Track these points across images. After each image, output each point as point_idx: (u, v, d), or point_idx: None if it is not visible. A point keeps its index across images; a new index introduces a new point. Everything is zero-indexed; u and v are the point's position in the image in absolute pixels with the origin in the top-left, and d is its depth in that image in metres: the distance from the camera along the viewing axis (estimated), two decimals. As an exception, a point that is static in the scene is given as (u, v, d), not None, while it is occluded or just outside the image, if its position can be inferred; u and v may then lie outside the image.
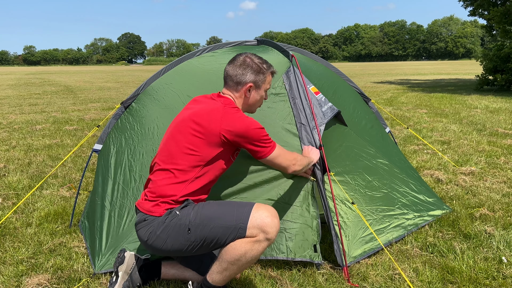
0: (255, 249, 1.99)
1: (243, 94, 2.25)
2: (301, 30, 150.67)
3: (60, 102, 12.98)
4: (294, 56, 2.97)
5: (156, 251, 2.08)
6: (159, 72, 3.32)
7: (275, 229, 2.00)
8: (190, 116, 2.12)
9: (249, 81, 2.23)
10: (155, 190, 2.08)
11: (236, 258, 1.99)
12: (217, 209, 2.05)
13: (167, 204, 2.04)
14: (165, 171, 2.08)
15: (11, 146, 6.34)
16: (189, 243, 2.01)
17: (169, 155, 2.10)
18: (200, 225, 2.00)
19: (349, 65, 70.43)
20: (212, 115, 2.08)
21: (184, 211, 2.03)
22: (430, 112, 9.59)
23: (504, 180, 4.34)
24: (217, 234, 1.99)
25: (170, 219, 2.02)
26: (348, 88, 3.67)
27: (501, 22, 14.69)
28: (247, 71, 2.23)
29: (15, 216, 3.51)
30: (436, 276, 2.50)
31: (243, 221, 1.99)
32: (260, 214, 2.00)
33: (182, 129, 2.11)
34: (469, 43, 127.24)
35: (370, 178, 2.94)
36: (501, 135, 6.73)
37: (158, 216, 2.03)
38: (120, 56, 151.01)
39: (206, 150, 2.07)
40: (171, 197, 2.04)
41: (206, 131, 2.06)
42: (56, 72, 45.89)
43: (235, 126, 2.06)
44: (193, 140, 2.07)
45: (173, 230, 2.00)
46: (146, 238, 2.04)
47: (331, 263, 2.64)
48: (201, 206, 2.07)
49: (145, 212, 2.06)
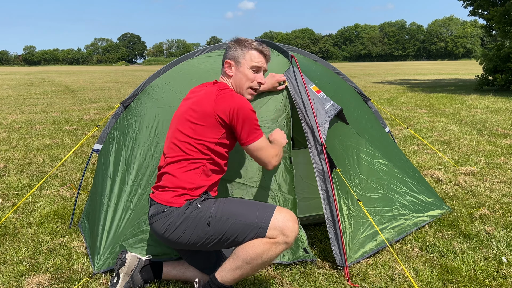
0: (273, 251, 1.97)
1: (226, 74, 2.26)
2: (301, 30, 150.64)
3: (60, 102, 12.98)
4: (293, 57, 2.98)
5: (171, 243, 2.06)
6: (159, 72, 3.32)
7: (294, 233, 1.99)
8: (190, 106, 2.13)
9: (227, 58, 2.24)
10: (172, 180, 2.05)
11: (252, 257, 1.96)
12: (240, 206, 2.04)
13: (186, 195, 2.02)
14: (177, 162, 2.07)
15: (11, 146, 6.34)
16: (207, 237, 1.99)
17: (177, 147, 2.08)
18: (221, 220, 1.98)
19: (349, 65, 70.43)
20: (206, 98, 2.09)
21: (205, 204, 2.02)
22: (430, 112, 9.59)
23: (504, 180, 4.34)
24: (237, 231, 1.97)
25: (190, 210, 1.99)
26: (347, 88, 3.67)
27: (500, 22, 14.69)
28: (229, 49, 2.24)
29: (15, 216, 3.52)
30: (436, 276, 2.50)
31: (265, 221, 1.97)
32: (283, 217, 1.99)
33: (183, 120, 2.11)
34: (469, 43, 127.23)
35: (368, 179, 2.94)
36: (501, 135, 6.73)
37: (178, 207, 2.00)
38: (120, 56, 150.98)
39: (208, 135, 2.05)
40: (189, 185, 2.02)
41: (203, 115, 2.05)
42: (56, 72, 45.89)
43: (228, 103, 2.04)
44: (193, 128, 2.06)
45: (193, 222, 1.98)
46: (164, 230, 2.01)
47: (331, 263, 2.64)
48: (222, 201, 2.06)
49: (164, 203, 2.02)
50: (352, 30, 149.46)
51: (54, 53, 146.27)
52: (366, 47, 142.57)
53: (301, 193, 3.14)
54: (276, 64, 3.07)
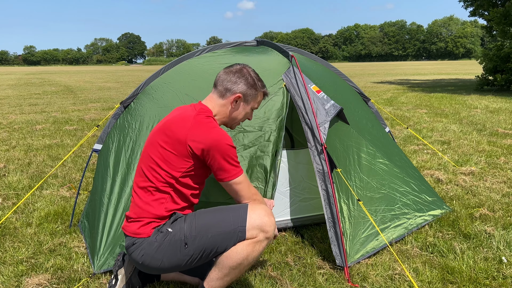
0: (256, 250, 1.95)
1: (229, 104, 2.07)
2: (301, 30, 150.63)
3: (60, 102, 12.98)
4: (293, 57, 2.98)
5: (154, 270, 1.99)
6: (158, 72, 3.32)
7: (273, 227, 1.97)
8: (161, 128, 1.99)
9: (238, 91, 2.06)
10: (136, 211, 1.97)
11: (238, 263, 1.94)
12: (212, 217, 1.97)
13: (153, 223, 1.94)
14: (142, 189, 1.97)
15: (11, 146, 6.34)
16: (188, 257, 1.93)
17: (143, 172, 1.98)
18: (198, 237, 1.92)
19: (349, 65, 70.43)
20: (181, 124, 1.94)
21: (176, 226, 1.93)
22: (430, 112, 9.59)
23: (504, 180, 4.34)
24: (217, 242, 1.92)
25: (162, 238, 1.91)
26: (347, 88, 3.67)
27: (500, 23, 14.69)
28: (241, 81, 2.06)
29: (15, 216, 3.51)
30: (436, 276, 2.50)
31: (242, 224, 1.93)
32: (258, 214, 1.95)
33: (153, 142, 1.99)
34: (469, 43, 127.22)
35: (369, 179, 2.94)
36: (501, 135, 6.73)
37: (146, 237, 1.93)
38: (120, 56, 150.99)
39: (176, 163, 1.92)
40: (154, 215, 1.94)
41: (173, 141, 1.91)
42: (56, 72, 45.89)
43: (203, 136, 1.89)
44: (162, 153, 1.93)
45: (168, 247, 1.91)
46: (141, 261, 1.94)
47: (331, 263, 2.64)
48: (192, 216, 1.98)
49: (132, 235, 1.95)
50: (352, 30, 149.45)
51: (54, 53, 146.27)
52: (366, 47, 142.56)
53: (301, 193, 3.14)
54: (276, 64, 3.07)
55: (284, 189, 3.08)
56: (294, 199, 3.12)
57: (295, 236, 3.06)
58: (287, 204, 3.10)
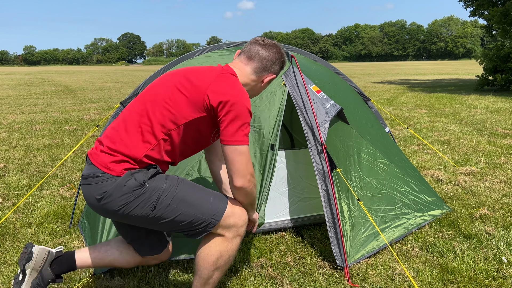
0: (230, 247, 1.90)
1: (261, 81, 1.99)
2: (301, 30, 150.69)
3: (60, 102, 12.98)
4: (293, 57, 2.98)
5: (106, 213, 1.80)
6: (158, 72, 3.32)
7: (245, 226, 1.93)
8: (183, 71, 1.88)
9: (274, 72, 2.00)
10: (115, 142, 1.77)
11: (213, 263, 1.89)
12: (193, 195, 1.85)
13: (127, 163, 1.75)
14: (132, 122, 1.79)
15: (11, 146, 6.34)
16: (147, 219, 1.79)
17: (141, 106, 1.82)
18: (169, 207, 1.78)
19: (349, 65, 70.44)
20: (205, 74, 1.83)
21: (153, 183, 1.77)
22: (430, 112, 9.59)
23: (504, 180, 4.34)
24: (185, 220, 1.82)
25: (133, 186, 1.73)
26: (347, 88, 3.67)
27: (500, 22, 14.69)
28: (279, 62, 2.00)
29: (15, 216, 3.51)
30: (436, 276, 2.50)
31: (217, 217, 1.85)
32: (234, 212, 1.90)
33: (167, 81, 1.85)
34: (469, 43, 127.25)
35: (369, 178, 2.94)
36: (501, 135, 6.73)
37: (116, 175, 1.73)
38: (120, 56, 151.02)
39: (183, 109, 1.77)
40: (132, 156, 1.75)
41: (192, 86, 1.78)
42: (56, 72, 45.89)
43: (226, 89, 1.76)
44: (173, 94, 1.79)
45: (135, 200, 1.74)
46: (99, 197, 1.74)
47: (331, 263, 2.64)
48: (175, 183, 1.83)
49: (101, 167, 1.74)
50: (352, 30, 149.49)
51: (54, 53, 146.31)
52: (366, 47, 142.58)
53: (301, 193, 3.14)
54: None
55: (284, 189, 3.08)
56: (293, 199, 3.12)
57: (295, 236, 3.06)
58: (287, 204, 3.10)
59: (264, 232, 3.09)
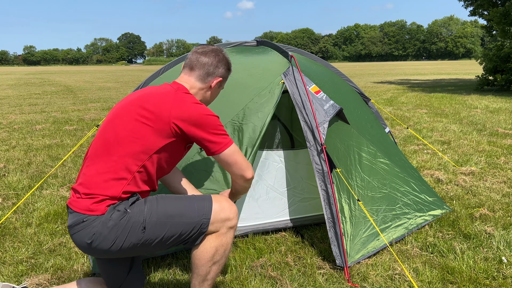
0: (224, 241, 1.91)
1: (209, 87, 2.02)
2: (301, 30, 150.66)
3: (60, 102, 12.98)
4: (293, 57, 2.98)
5: (101, 253, 1.80)
6: (158, 72, 3.32)
7: (236, 218, 1.94)
8: (136, 100, 1.86)
9: (220, 74, 2.04)
10: (90, 187, 1.76)
11: (209, 259, 1.90)
12: (175, 204, 1.86)
13: (108, 201, 1.76)
14: (101, 163, 1.79)
15: (11, 146, 6.34)
16: (143, 242, 1.78)
17: (106, 144, 1.80)
18: (158, 223, 1.79)
19: (349, 65, 70.44)
20: (162, 100, 1.83)
21: (135, 208, 1.78)
22: (430, 112, 9.59)
23: (504, 180, 4.34)
24: (178, 231, 1.83)
25: (118, 217, 1.73)
26: (347, 88, 3.67)
27: (500, 23, 14.69)
28: (221, 65, 2.04)
29: (15, 216, 3.51)
30: (436, 276, 2.50)
31: (206, 216, 1.86)
32: (222, 206, 1.90)
33: (124, 114, 1.84)
34: (469, 43, 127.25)
35: (370, 178, 2.94)
36: (501, 135, 6.73)
37: (100, 214, 1.73)
38: (120, 56, 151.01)
39: (152, 139, 1.79)
40: (111, 195, 1.76)
41: (155, 117, 1.79)
42: (56, 72, 45.89)
43: (188, 111, 1.80)
44: (136, 127, 1.79)
45: (124, 229, 1.74)
46: (90, 240, 1.74)
47: (331, 263, 2.64)
48: (154, 200, 1.84)
49: (84, 212, 1.74)
50: (352, 30, 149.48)
51: (54, 53, 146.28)
52: (366, 47, 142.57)
53: (301, 193, 3.14)
54: (275, 64, 3.07)
55: (284, 189, 3.08)
56: (293, 199, 3.12)
57: (295, 236, 3.06)
58: (287, 204, 3.10)
59: (264, 232, 3.09)
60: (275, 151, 3.05)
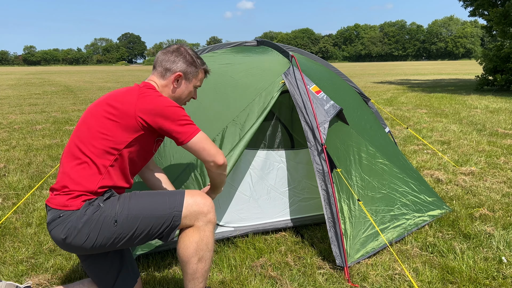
0: (204, 235, 1.92)
1: (171, 83, 2.08)
2: (301, 30, 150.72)
3: (60, 102, 12.98)
4: (294, 57, 2.98)
5: (76, 249, 1.84)
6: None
7: (213, 211, 1.94)
8: (105, 100, 1.95)
9: (178, 70, 2.07)
10: (67, 184, 1.83)
11: (192, 254, 1.91)
12: (147, 199, 1.91)
13: (84, 196, 1.82)
14: (76, 160, 1.86)
15: (11, 146, 6.34)
16: (115, 236, 1.83)
17: (80, 142, 1.88)
18: (129, 216, 1.84)
19: (349, 65, 70.43)
20: (127, 96, 1.92)
21: (108, 203, 1.84)
22: (430, 112, 9.59)
23: (504, 180, 4.34)
24: (149, 225, 1.86)
25: (92, 211, 1.79)
26: (347, 88, 3.67)
27: (500, 23, 14.69)
28: (179, 59, 2.08)
29: (15, 216, 3.52)
30: (436, 276, 2.50)
31: (178, 209, 1.89)
32: (195, 200, 1.92)
33: (94, 112, 1.92)
34: (469, 43, 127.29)
35: (370, 178, 2.95)
36: (501, 135, 6.74)
37: (75, 209, 1.79)
38: (120, 56, 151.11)
39: (120, 134, 1.87)
40: (87, 190, 1.83)
41: (120, 112, 1.87)
42: (56, 72, 45.89)
43: (151, 103, 1.87)
44: (105, 123, 1.87)
45: (97, 223, 1.79)
46: (65, 236, 1.79)
47: (331, 263, 2.64)
48: (127, 196, 1.90)
49: (59, 208, 1.81)
50: (352, 30, 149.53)
51: (54, 53, 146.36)
52: (366, 47, 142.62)
53: (301, 193, 3.14)
54: (276, 64, 3.07)
55: (284, 189, 3.08)
56: (293, 199, 3.12)
57: (295, 236, 3.06)
58: (287, 204, 3.11)
59: (264, 232, 3.09)
60: (276, 151, 3.05)
